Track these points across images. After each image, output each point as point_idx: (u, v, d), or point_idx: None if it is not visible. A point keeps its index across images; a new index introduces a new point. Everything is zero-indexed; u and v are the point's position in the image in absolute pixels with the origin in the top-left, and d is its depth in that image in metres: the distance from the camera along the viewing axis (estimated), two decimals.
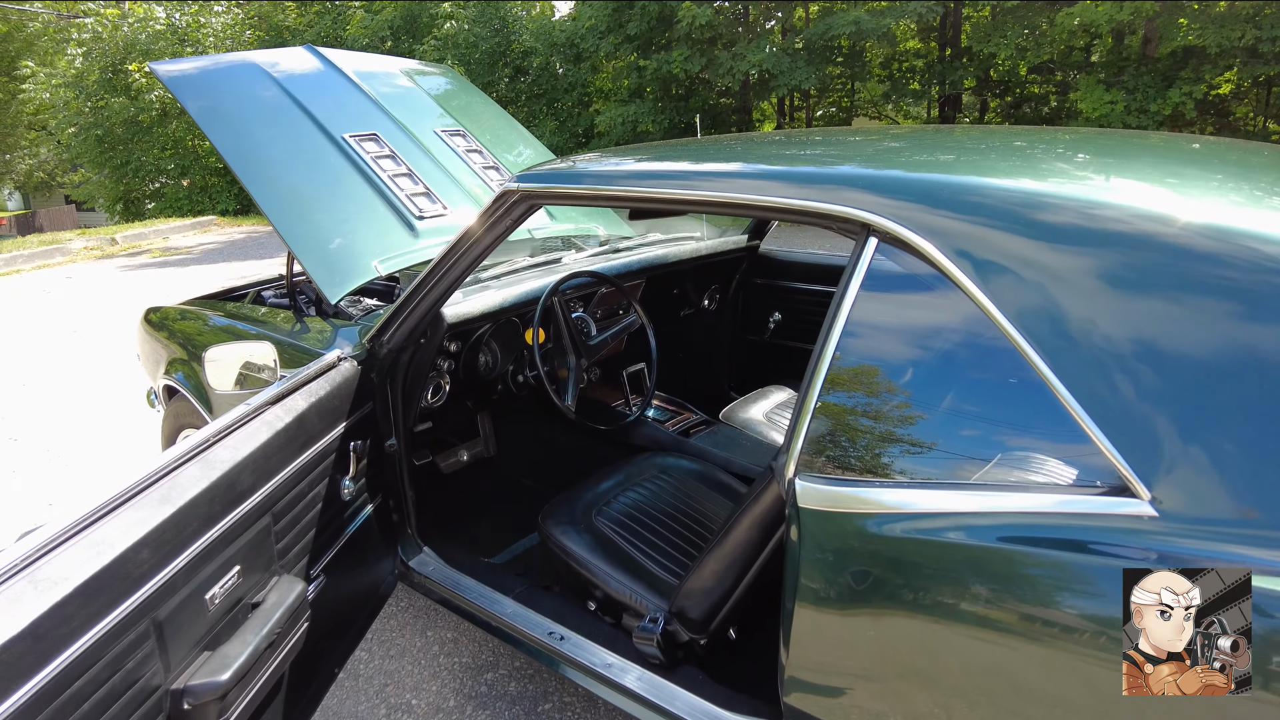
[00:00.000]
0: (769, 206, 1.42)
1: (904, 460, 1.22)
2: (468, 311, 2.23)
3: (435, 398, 2.38)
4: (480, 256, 1.96)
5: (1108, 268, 1.09)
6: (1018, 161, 1.43)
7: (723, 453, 2.54)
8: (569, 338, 2.34)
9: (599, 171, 1.76)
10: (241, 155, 2.84)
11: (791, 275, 3.28)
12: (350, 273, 2.68)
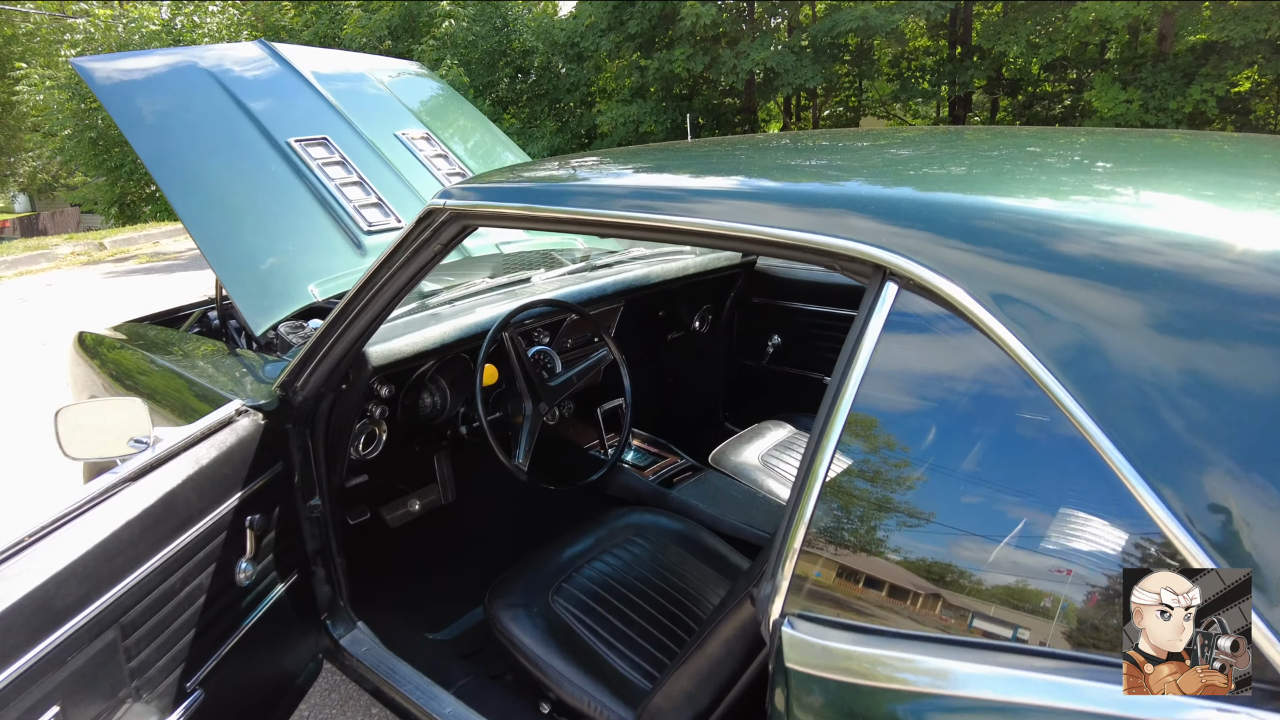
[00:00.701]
0: (755, 239, 1.07)
1: (951, 603, 0.86)
2: (399, 350, 1.87)
3: (369, 449, 2.02)
4: (406, 287, 1.61)
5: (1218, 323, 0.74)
6: (1071, 179, 1.07)
7: (709, 509, 2.18)
8: (524, 379, 1.99)
9: (547, 189, 1.41)
10: (164, 161, 2.49)
11: (793, 294, 2.92)
12: (281, 298, 2.33)
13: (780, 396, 3.02)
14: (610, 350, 2.19)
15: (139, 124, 2.55)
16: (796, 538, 0.94)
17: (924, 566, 0.88)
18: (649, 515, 2.09)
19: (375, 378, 1.86)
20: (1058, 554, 0.81)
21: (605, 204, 1.24)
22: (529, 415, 1.98)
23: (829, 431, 0.93)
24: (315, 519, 1.90)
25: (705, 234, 1.11)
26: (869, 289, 0.97)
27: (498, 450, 1.89)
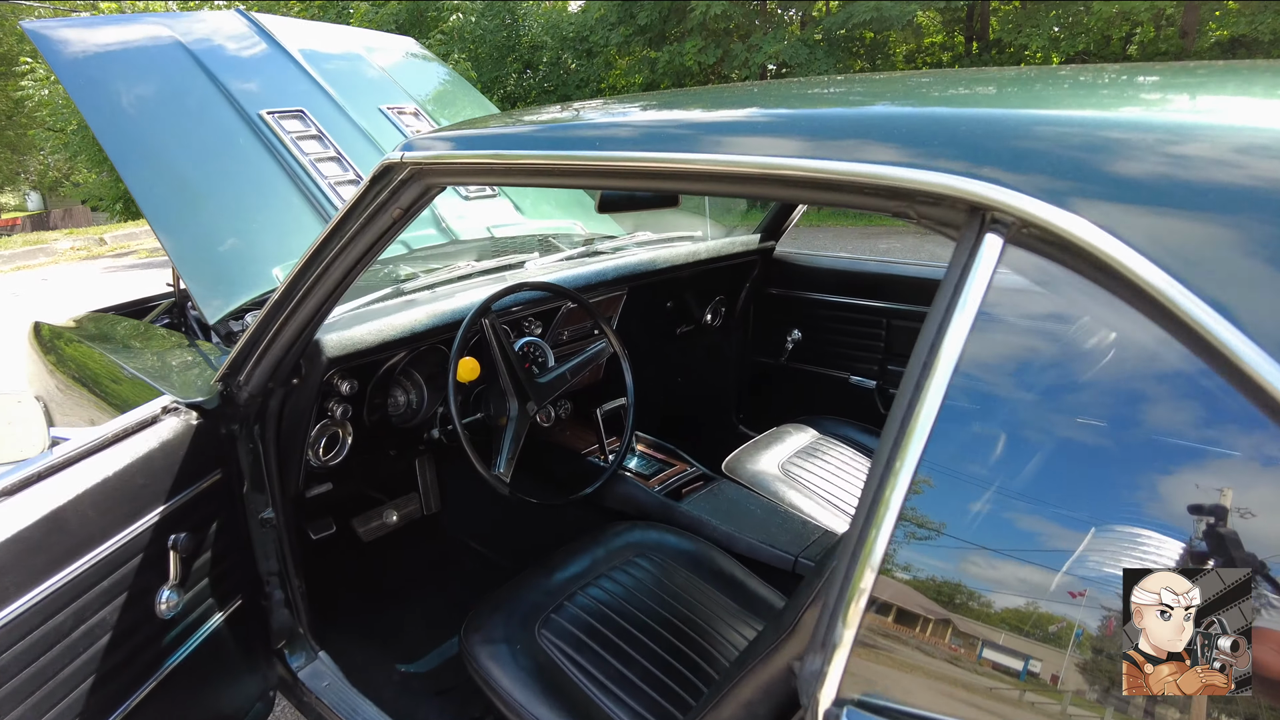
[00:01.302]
0: (795, 177, 0.79)
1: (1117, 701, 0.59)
2: (359, 340, 1.60)
3: (330, 454, 1.75)
4: (361, 263, 1.34)
5: None
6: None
7: (723, 525, 1.90)
8: (508, 374, 1.71)
9: (536, 133, 1.13)
10: (114, 128, 2.24)
11: (814, 284, 2.64)
12: (240, 283, 2.07)
13: (800, 397, 2.74)
14: (610, 342, 1.92)
15: (91, 89, 2.30)
16: (860, 592, 0.66)
17: (1062, 637, 0.60)
18: (653, 532, 1.81)
19: (333, 371, 1.60)
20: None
21: (610, 146, 0.96)
22: (514, 417, 1.70)
23: (906, 445, 0.66)
24: (268, 534, 1.63)
25: (737, 176, 0.83)
26: (960, 245, 0.70)
27: (474, 459, 1.62)
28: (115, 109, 2.27)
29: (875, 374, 2.55)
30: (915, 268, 2.48)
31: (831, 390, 2.64)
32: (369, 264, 1.37)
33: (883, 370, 2.54)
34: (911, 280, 2.45)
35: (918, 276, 2.44)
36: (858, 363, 2.58)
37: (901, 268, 2.50)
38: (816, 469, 2.18)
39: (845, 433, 2.39)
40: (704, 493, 2.03)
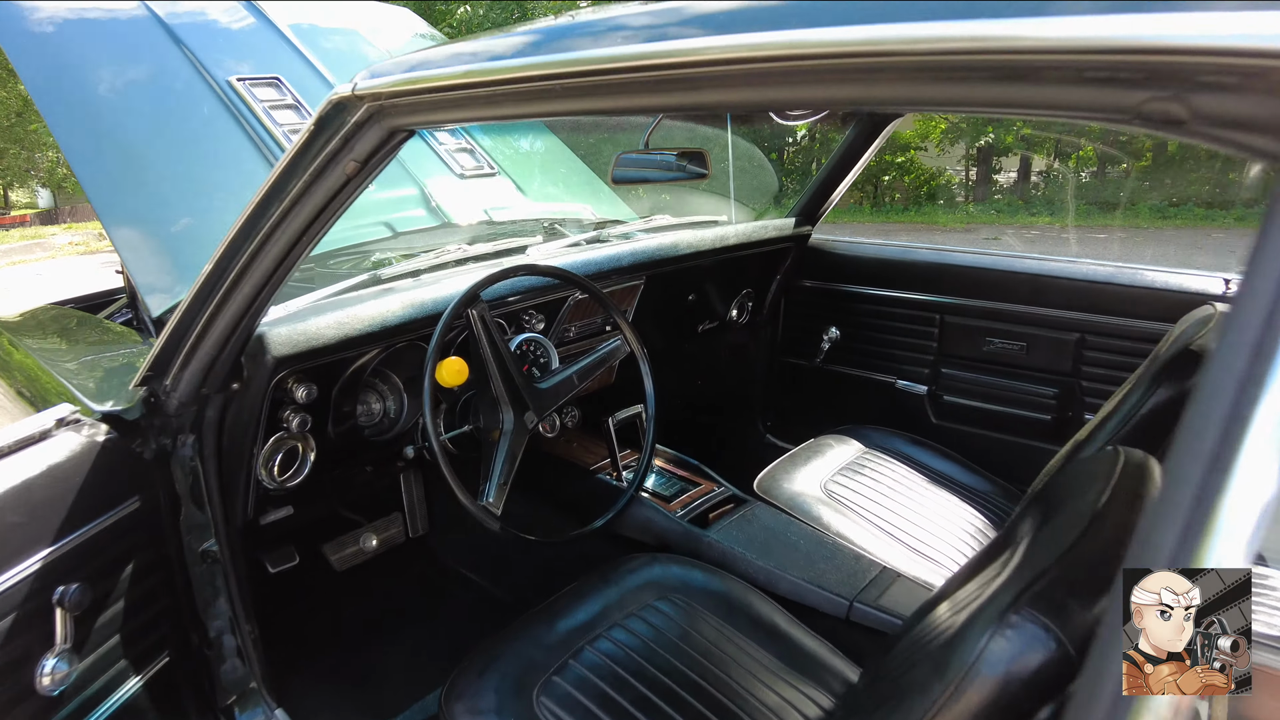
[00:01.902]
0: (945, 59, 0.48)
1: None
2: (315, 334, 1.30)
3: (288, 473, 1.45)
4: (308, 234, 1.04)
5: None
6: None
7: (760, 559, 1.59)
8: (501, 377, 1.40)
9: (510, 42, 0.81)
10: (57, 95, 1.95)
11: (856, 274, 2.33)
12: (193, 270, 1.77)
13: (839, 405, 2.43)
14: (626, 340, 1.60)
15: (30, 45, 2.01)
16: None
17: None
18: (676, 567, 1.51)
19: (283, 374, 1.29)
20: None
21: (625, 40, 0.65)
22: (508, 431, 1.39)
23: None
24: (212, 570, 1.34)
25: (831, 62, 0.52)
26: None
27: (454, 485, 1.30)
28: (54, 64, 1.98)
29: (926, 378, 2.24)
30: (975, 256, 2.16)
31: (875, 397, 2.33)
32: (319, 234, 1.07)
33: (935, 374, 2.22)
34: (971, 271, 2.13)
35: (978, 266, 2.13)
36: (906, 365, 2.27)
37: (959, 256, 2.18)
38: (864, 489, 1.86)
39: (893, 446, 2.08)
40: (735, 518, 1.72)
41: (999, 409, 2.13)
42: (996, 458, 2.14)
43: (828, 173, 2.24)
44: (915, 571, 1.62)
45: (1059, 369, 2.03)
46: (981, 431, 2.18)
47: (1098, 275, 1.97)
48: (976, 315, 2.14)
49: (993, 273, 2.10)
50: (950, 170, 13.77)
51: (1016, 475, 2.10)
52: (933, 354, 2.22)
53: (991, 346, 2.12)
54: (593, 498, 1.86)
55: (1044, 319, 2.03)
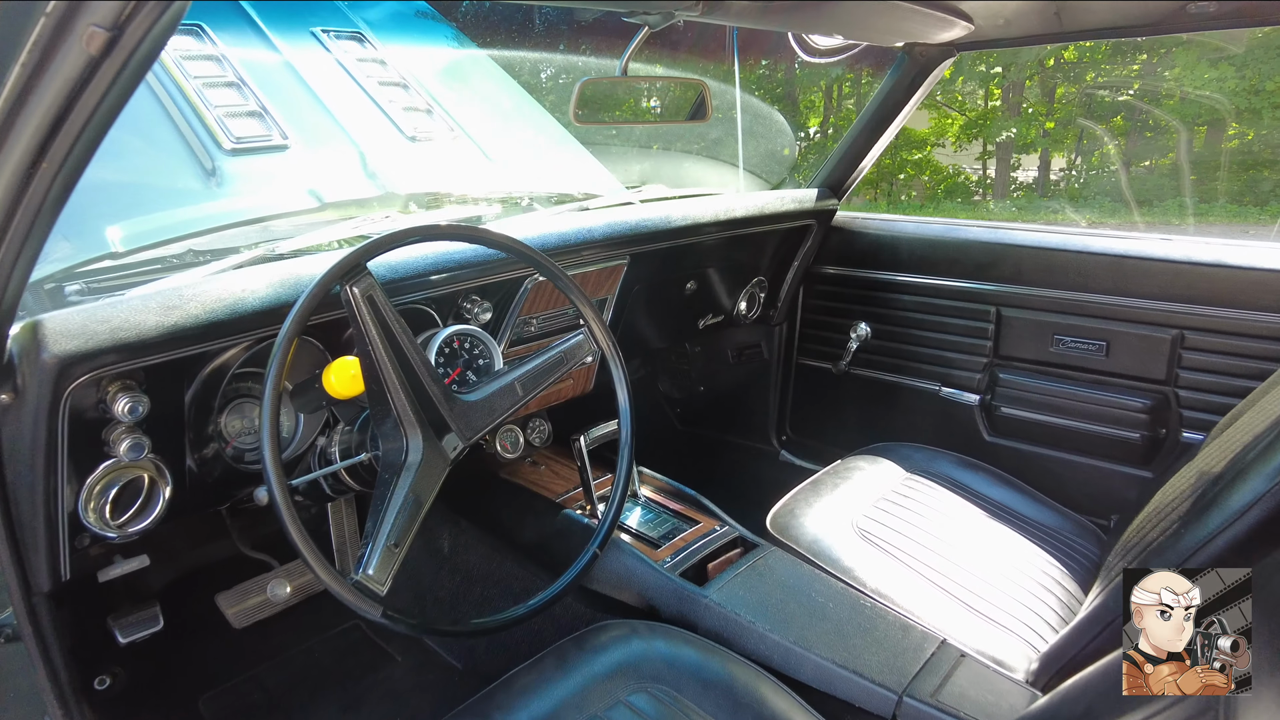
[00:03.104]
0: None
1: None
2: (124, 323, 0.89)
3: (131, 513, 1.05)
4: (51, 151, 0.64)
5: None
6: None
7: (774, 632, 1.17)
8: (399, 384, 0.97)
9: None
10: None
11: (891, 259, 1.93)
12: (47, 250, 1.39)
13: (868, 417, 2.02)
14: (592, 333, 1.16)
15: None
16: None
17: None
18: (662, 642, 1.11)
19: (83, 377, 0.88)
20: None
21: None
22: (411, 465, 0.95)
23: None
24: (8, 652, 0.95)
25: None
26: None
27: (304, 552, 0.89)
28: None
29: (979, 385, 1.82)
30: (1041, 235, 1.75)
31: (915, 408, 1.91)
32: (72, 161, 0.67)
33: (991, 379, 1.81)
34: (1036, 253, 1.72)
35: (1045, 247, 1.71)
36: (953, 370, 1.85)
37: (1021, 235, 1.77)
38: (909, 528, 1.45)
39: (939, 469, 1.67)
40: (742, 571, 1.30)
41: (1071, 424, 1.71)
42: (1067, 486, 1.73)
43: (858, 133, 1.83)
44: (984, 646, 1.21)
45: (1149, 375, 1.62)
46: (1048, 452, 1.76)
47: (1200, 256, 1.55)
48: (1043, 307, 1.72)
49: (1063, 254, 1.69)
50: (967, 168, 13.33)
51: (1092, 507, 1.69)
52: (986, 355, 1.81)
53: (1062, 346, 1.71)
54: (560, 538, 1.45)
55: (1130, 312, 1.61)
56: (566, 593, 1.07)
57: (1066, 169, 12.67)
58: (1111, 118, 11.91)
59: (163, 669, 1.50)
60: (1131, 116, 11.59)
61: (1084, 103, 12.93)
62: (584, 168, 2.03)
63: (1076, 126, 11.25)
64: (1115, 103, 13.08)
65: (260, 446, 0.84)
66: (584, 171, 2.02)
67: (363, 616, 0.91)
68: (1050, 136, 11.26)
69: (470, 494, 1.60)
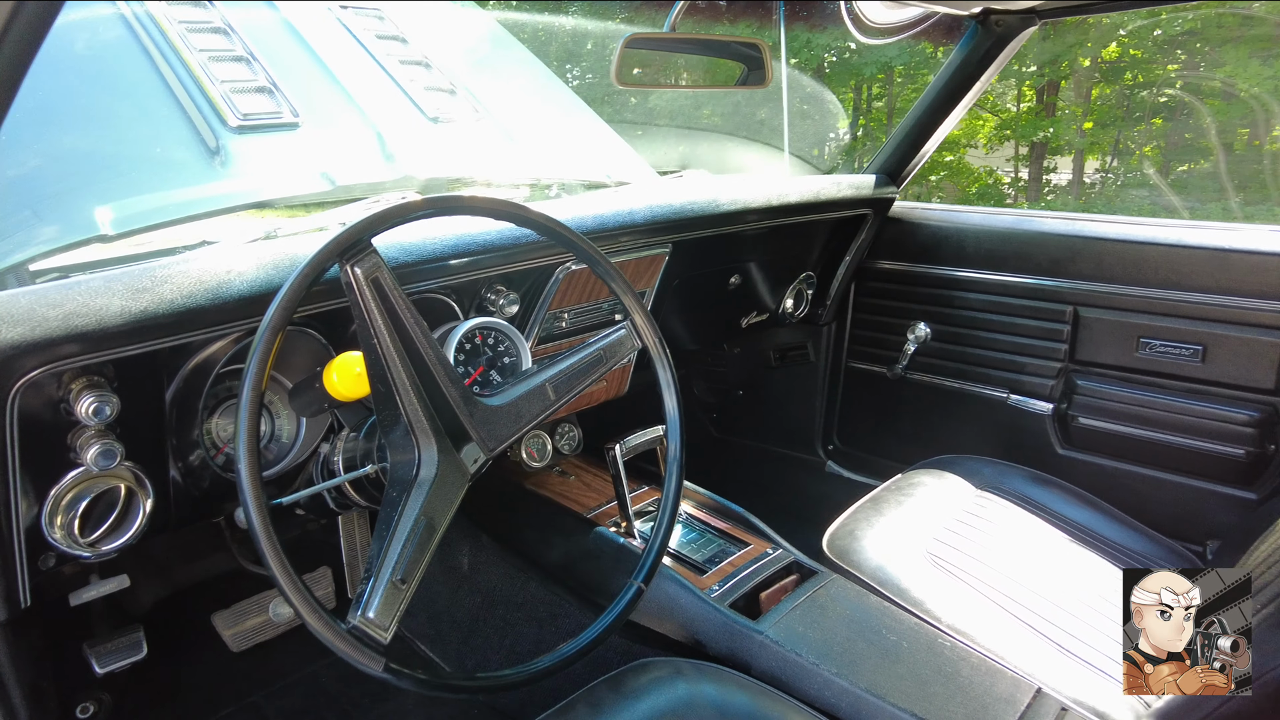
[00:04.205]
0: None
1: None
2: (83, 310, 0.75)
3: (104, 529, 0.91)
4: None
5: None
6: None
7: (842, 677, 1.01)
8: (410, 386, 0.80)
9: None
10: None
11: (954, 253, 1.76)
12: (32, 228, 1.26)
13: (929, 427, 1.85)
14: (635, 327, 1.00)
15: None
16: None
17: None
18: (710, 686, 0.96)
19: (34, 372, 0.74)
20: None
21: None
22: (424, 481, 0.79)
23: None
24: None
25: None
26: None
27: (288, 590, 0.74)
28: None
29: (1052, 393, 1.65)
30: (1125, 226, 1.58)
31: (978, 416, 1.74)
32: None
33: (1066, 386, 1.63)
34: (1120, 246, 1.55)
35: (1131, 240, 1.54)
36: (1023, 375, 1.68)
37: (1102, 226, 1.59)
38: (986, 553, 1.29)
39: (1010, 485, 1.50)
40: (802, 603, 1.14)
41: (1160, 437, 1.53)
42: (1152, 506, 1.55)
43: (920, 113, 1.66)
44: (1084, 696, 1.04)
45: (1255, 384, 1.44)
46: (1131, 467, 1.59)
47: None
48: (1127, 307, 1.55)
49: (1153, 248, 1.51)
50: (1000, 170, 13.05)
51: (1184, 531, 1.51)
52: (1061, 360, 1.63)
53: (1149, 351, 1.53)
54: (591, 559, 1.29)
55: (1233, 313, 1.44)
56: (604, 639, 0.91)
57: (1102, 170, 12.36)
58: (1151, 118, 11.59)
59: (154, 694, 1.37)
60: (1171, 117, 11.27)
61: (1122, 103, 12.62)
62: (616, 153, 1.88)
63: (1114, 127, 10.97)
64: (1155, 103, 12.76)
65: (237, 459, 0.69)
66: (616, 157, 1.87)
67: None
68: (1087, 137, 10.97)
69: (492, 506, 1.46)
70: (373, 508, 1.03)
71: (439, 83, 1.88)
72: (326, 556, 1.53)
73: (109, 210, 1.30)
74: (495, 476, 1.50)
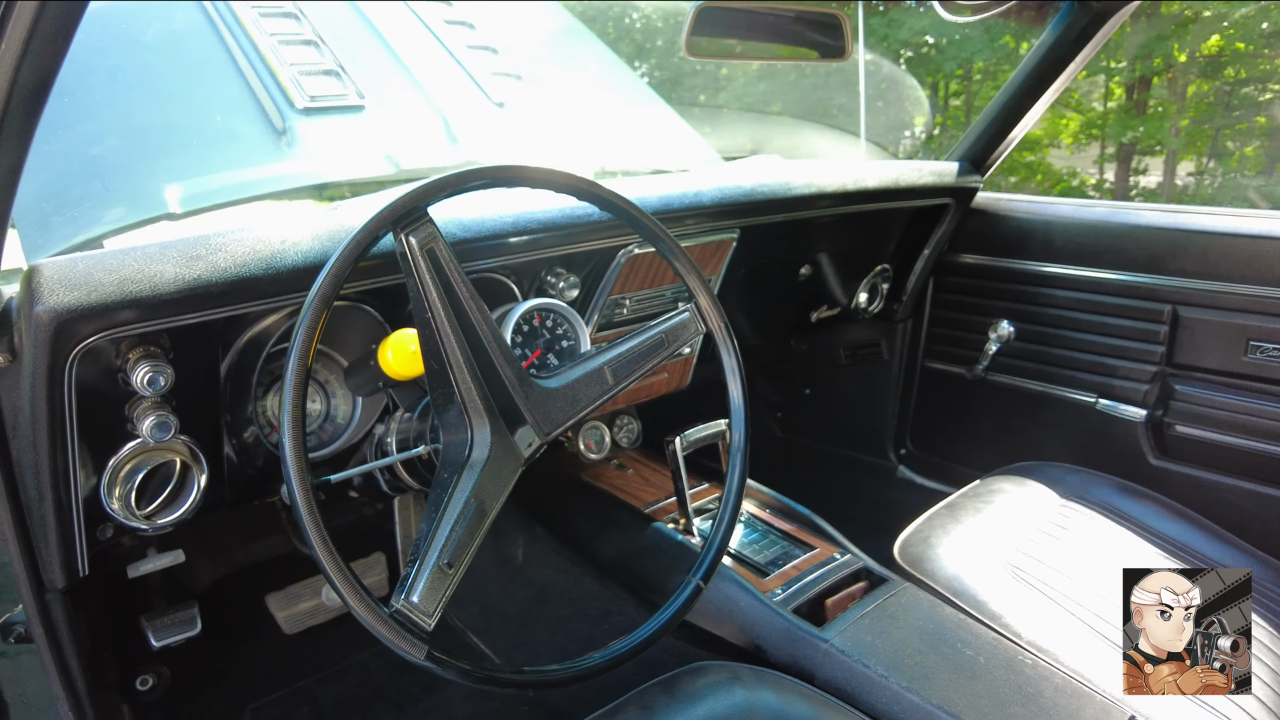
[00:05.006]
0: None
1: None
2: (136, 276, 0.73)
3: (159, 503, 0.90)
4: None
5: None
6: None
7: (913, 691, 0.94)
8: (463, 363, 0.76)
9: None
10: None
11: (1041, 247, 1.65)
12: (100, 205, 1.28)
13: (1010, 431, 1.74)
14: (700, 311, 0.94)
15: None
16: None
17: None
18: (771, 694, 0.91)
19: (90, 339, 0.73)
20: None
21: None
22: (476, 462, 0.76)
23: None
24: (22, 660, 0.83)
25: None
26: None
27: (330, 570, 0.71)
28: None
29: (1146, 399, 1.53)
30: (1232, 219, 1.45)
31: (1063, 421, 1.64)
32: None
33: (1163, 391, 1.52)
34: (1226, 240, 1.43)
35: (1239, 234, 1.42)
36: (1114, 379, 1.57)
37: (1206, 219, 1.47)
38: (1071, 567, 1.19)
39: (1098, 495, 1.39)
40: (870, 611, 1.07)
41: (1269, 449, 1.41)
42: (1258, 524, 1.43)
43: (1008, 98, 1.57)
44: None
45: None
46: (1236, 482, 1.46)
47: None
48: (1235, 307, 1.42)
49: (1267, 242, 1.39)
50: (1084, 172, 12.54)
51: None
52: (1157, 363, 1.52)
53: (1260, 355, 1.41)
54: (647, 556, 1.25)
55: None
56: (658, 638, 0.86)
57: (1196, 172, 11.75)
58: (1255, 116, 10.98)
59: (209, 672, 1.37)
60: (1275, 116, 10.65)
61: (1222, 100, 11.98)
62: (683, 139, 1.83)
63: (1211, 126, 10.43)
64: (1260, 100, 12.08)
65: (282, 435, 0.66)
66: (684, 143, 1.82)
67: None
68: (1181, 137, 10.44)
69: (547, 498, 1.42)
70: (426, 490, 1.01)
71: (506, 68, 1.87)
72: (381, 542, 1.52)
73: (178, 188, 1.31)
74: (551, 467, 1.47)
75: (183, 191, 1.31)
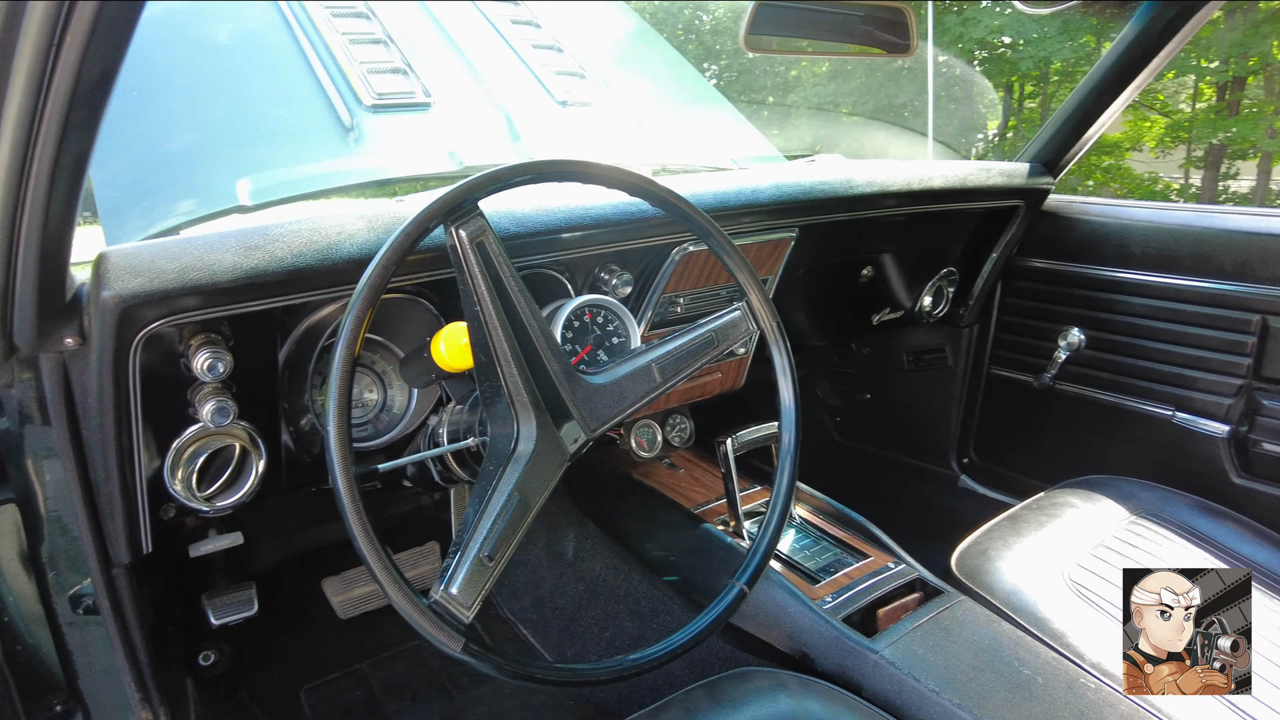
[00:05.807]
0: None
1: None
2: (196, 263, 0.76)
3: (219, 485, 0.93)
4: None
5: None
6: None
7: (966, 709, 0.91)
8: (512, 357, 0.77)
9: None
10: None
11: (1115, 252, 1.59)
12: (173, 197, 1.33)
13: (1079, 443, 1.68)
14: (751, 309, 0.93)
15: None
16: None
17: None
18: (817, 704, 0.90)
19: (154, 324, 0.76)
20: None
21: None
22: (521, 455, 0.75)
23: None
24: (90, 631, 0.87)
25: None
26: None
27: (370, 557, 0.71)
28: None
29: (1230, 413, 1.45)
30: None
31: (1137, 435, 1.57)
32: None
33: (1248, 406, 1.44)
34: None
35: None
36: (1194, 391, 1.49)
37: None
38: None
39: (1172, 513, 1.33)
40: (924, 623, 1.04)
41: None
42: None
43: (1083, 96, 1.50)
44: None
45: None
46: None
47: None
48: None
49: None
50: (1167, 177, 11.99)
51: None
52: (1243, 376, 1.44)
53: None
54: (696, 557, 1.24)
55: None
56: (697, 643, 0.85)
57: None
58: None
59: (268, 651, 1.41)
60: None
61: None
62: (746, 138, 1.81)
63: None
64: None
65: (326, 422, 0.68)
66: (746, 142, 1.80)
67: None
68: (1278, 139, 9.90)
69: (599, 494, 1.42)
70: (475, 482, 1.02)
71: (569, 67, 1.88)
72: (437, 531, 1.54)
73: (248, 182, 1.35)
74: (603, 464, 1.47)
75: (253, 185, 1.35)
